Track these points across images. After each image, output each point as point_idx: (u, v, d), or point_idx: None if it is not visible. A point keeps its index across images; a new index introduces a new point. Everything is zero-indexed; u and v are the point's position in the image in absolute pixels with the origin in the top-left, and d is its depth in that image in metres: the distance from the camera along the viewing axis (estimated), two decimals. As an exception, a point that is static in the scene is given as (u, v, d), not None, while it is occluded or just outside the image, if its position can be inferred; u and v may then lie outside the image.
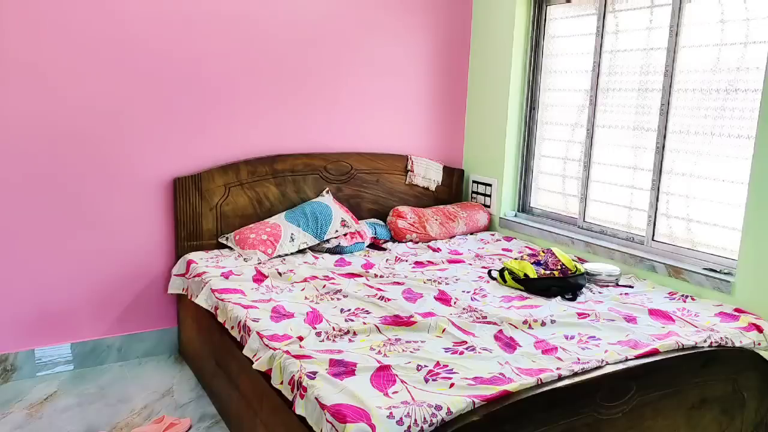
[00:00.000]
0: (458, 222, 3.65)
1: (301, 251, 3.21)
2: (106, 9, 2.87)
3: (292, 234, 3.16)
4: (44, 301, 2.96)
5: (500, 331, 2.25)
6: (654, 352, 2.07)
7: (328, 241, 3.25)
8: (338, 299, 2.56)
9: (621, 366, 1.97)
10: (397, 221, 3.52)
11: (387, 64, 3.66)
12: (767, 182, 2.48)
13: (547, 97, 3.64)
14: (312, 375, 1.86)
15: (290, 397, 1.89)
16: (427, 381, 1.85)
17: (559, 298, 2.64)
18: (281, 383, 1.96)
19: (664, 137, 2.95)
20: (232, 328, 2.42)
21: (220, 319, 2.53)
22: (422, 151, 3.90)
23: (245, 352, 2.23)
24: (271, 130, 3.37)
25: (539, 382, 1.84)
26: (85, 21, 2.84)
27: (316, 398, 1.75)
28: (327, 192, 3.49)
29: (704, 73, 2.79)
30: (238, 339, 2.36)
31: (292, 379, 1.90)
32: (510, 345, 2.13)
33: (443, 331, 2.23)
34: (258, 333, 2.20)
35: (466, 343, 2.13)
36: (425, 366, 1.94)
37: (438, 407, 1.67)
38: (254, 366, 2.11)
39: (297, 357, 1.97)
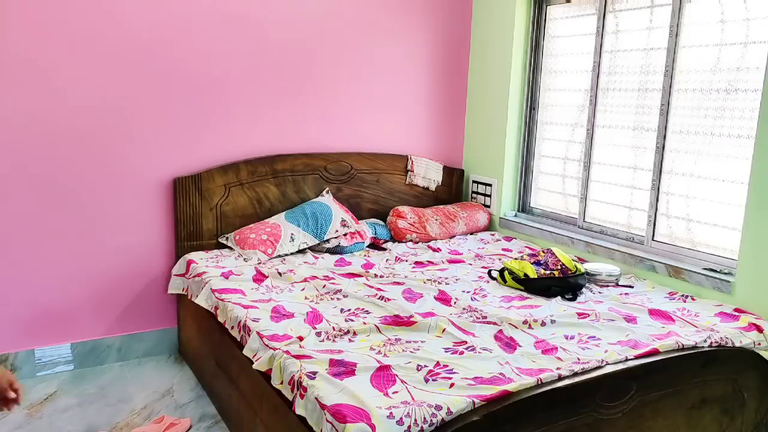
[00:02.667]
0: (458, 222, 3.65)
1: (301, 251, 3.21)
2: (106, 9, 2.87)
3: (292, 234, 3.16)
4: (44, 301, 2.96)
5: (500, 331, 2.25)
6: (654, 352, 2.07)
7: (328, 241, 3.25)
8: (338, 299, 2.56)
9: (621, 366, 1.96)
10: (397, 221, 3.52)
11: (387, 64, 3.66)
12: (767, 182, 2.48)
13: (547, 97, 3.64)
14: (312, 375, 1.86)
15: (290, 397, 1.89)
16: (427, 381, 1.85)
17: (559, 298, 2.64)
18: (281, 383, 1.96)
19: (664, 137, 2.95)
20: (232, 328, 2.42)
21: (221, 319, 2.53)
22: (422, 151, 3.90)
23: (245, 352, 2.23)
24: (271, 130, 3.37)
25: (539, 382, 1.84)
26: (86, 20, 2.84)
27: (316, 398, 1.75)
28: (327, 192, 3.49)
29: (704, 73, 2.79)
30: (238, 339, 2.36)
31: (292, 379, 1.90)
32: (510, 345, 2.13)
33: (443, 331, 2.22)
34: (258, 333, 2.20)
35: (466, 343, 2.13)
36: (425, 366, 1.94)
37: (438, 407, 1.67)
38: (254, 366, 2.11)
39: (297, 357, 1.97)
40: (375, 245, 3.42)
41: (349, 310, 2.43)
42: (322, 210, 3.28)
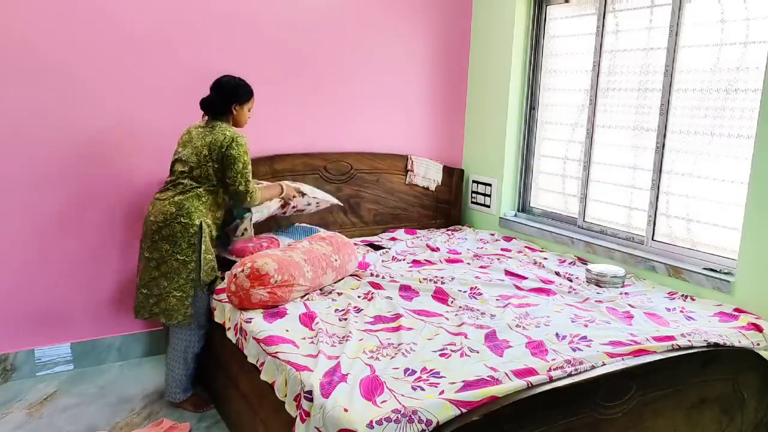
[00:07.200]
0: (328, 272, 2.71)
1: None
2: (106, 9, 2.87)
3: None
4: (44, 300, 2.96)
5: (493, 332, 2.22)
6: (652, 352, 2.07)
7: None
8: (333, 299, 2.55)
9: (620, 366, 1.96)
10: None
11: (387, 63, 3.66)
12: (767, 182, 2.48)
13: (547, 96, 3.64)
14: (309, 395, 1.80)
15: (294, 414, 1.85)
16: (415, 389, 1.79)
17: (558, 297, 2.62)
18: (285, 396, 1.94)
19: (664, 137, 2.95)
20: (229, 329, 2.42)
21: (218, 320, 2.53)
22: (422, 151, 3.90)
23: (249, 359, 2.22)
24: (270, 129, 3.37)
25: (529, 385, 1.81)
26: (86, 20, 2.84)
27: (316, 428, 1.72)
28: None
29: (704, 72, 2.79)
30: (234, 342, 2.37)
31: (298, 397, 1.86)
32: (504, 346, 2.10)
33: (436, 333, 2.21)
34: (254, 338, 2.19)
35: (458, 344, 2.10)
36: (415, 371, 1.90)
37: (427, 420, 1.63)
38: (261, 377, 2.09)
39: (297, 368, 1.94)
40: (374, 245, 3.42)
41: (343, 309, 2.42)
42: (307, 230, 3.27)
